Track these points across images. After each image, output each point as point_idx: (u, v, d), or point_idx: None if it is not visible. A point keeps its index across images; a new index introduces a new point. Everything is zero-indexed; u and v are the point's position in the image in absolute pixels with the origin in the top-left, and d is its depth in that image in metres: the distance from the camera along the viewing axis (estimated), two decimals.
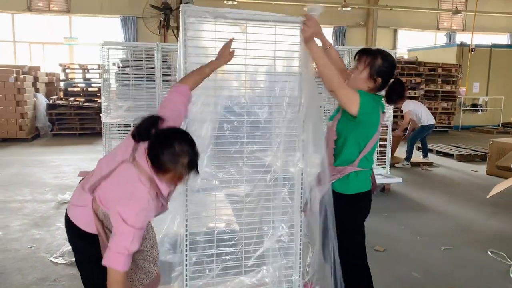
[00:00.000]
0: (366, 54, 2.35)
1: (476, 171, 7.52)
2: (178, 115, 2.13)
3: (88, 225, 1.99)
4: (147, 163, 1.89)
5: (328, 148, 2.43)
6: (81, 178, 2.16)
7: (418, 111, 7.77)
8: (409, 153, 7.74)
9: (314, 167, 2.49)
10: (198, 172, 1.89)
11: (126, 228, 1.82)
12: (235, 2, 13.60)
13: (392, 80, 2.39)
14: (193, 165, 1.86)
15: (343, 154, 2.40)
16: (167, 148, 1.82)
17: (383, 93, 2.47)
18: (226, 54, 2.31)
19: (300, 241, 2.71)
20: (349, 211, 2.45)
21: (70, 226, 2.05)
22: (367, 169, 2.42)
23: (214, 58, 2.37)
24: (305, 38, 2.26)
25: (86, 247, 2.04)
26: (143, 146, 1.92)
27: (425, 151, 8.19)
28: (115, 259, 1.82)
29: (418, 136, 7.91)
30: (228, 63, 2.46)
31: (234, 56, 2.39)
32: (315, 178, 2.47)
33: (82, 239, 2.03)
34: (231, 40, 2.32)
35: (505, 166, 6.44)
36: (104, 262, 1.83)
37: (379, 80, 2.32)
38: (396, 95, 2.38)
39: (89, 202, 1.98)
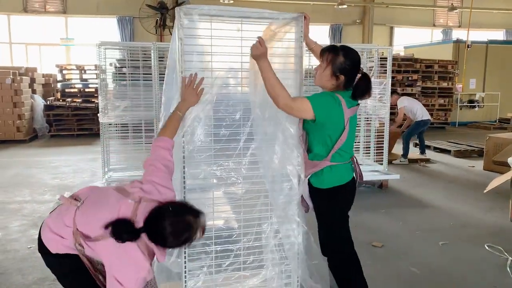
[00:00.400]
0: (329, 51, 2.35)
1: (473, 166, 7.56)
2: (170, 171, 2.09)
3: (66, 250, 1.91)
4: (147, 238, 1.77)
5: (302, 144, 2.48)
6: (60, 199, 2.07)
7: (413, 107, 7.80)
8: (405, 149, 7.77)
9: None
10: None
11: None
12: (231, 1, 13.61)
13: (359, 75, 2.38)
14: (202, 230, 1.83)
15: (314, 150, 2.44)
16: (176, 238, 1.74)
17: None
18: (191, 95, 2.26)
19: (298, 236, 2.73)
20: (327, 205, 2.48)
21: (42, 245, 1.96)
22: (343, 163, 2.42)
23: (209, 57, 2.39)
24: (255, 56, 2.24)
25: (61, 263, 1.95)
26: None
27: (423, 148, 8.23)
28: None
29: (413, 133, 7.93)
30: (225, 61, 2.48)
31: (230, 54, 2.41)
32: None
33: (55, 257, 1.94)
34: (197, 81, 2.28)
35: (501, 161, 6.47)
36: None
37: (342, 77, 2.32)
38: (360, 92, 2.36)
39: (69, 237, 1.87)
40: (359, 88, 2.36)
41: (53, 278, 3.30)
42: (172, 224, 1.71)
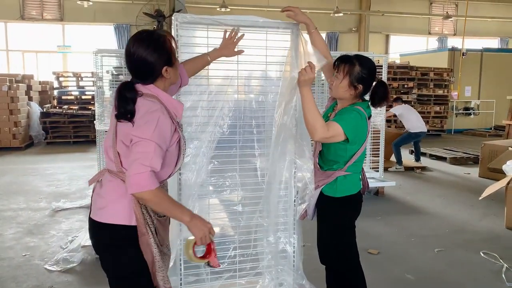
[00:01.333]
0: (344, 62, 2.33)
1: (469, 173, 7.59)
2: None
3: (129, 215, 1.77)
4: (142, 86, 1.78)
5: (314, 155, 2.48)
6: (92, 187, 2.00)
7: (409, 118, 7.81)
8: (398, 157, 7.79)
9: (307, 172, 2.52)
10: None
11: (145, 143, 1.66)
12: (228, 9, 13.69)
13: (375, 82, 2.39)
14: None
15: (331, 161, 2.42)
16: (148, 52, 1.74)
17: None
18: (228, 47, 2.30)
19: (294, 245, 2.74)
20: (339, 214, 2.48)
21: (104, 233, 1.81)
22: (355, 173, 2.43)
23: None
24: (302, 81, 2.19)
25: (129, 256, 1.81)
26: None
27: (418, 155, 8.26)
28: (139, 180, 1.63)
29: (402, 143, 7.87)
30: (221, 69, 2.49)
31: (226, 61, 2.43)
32: (304, 183, 2.51)
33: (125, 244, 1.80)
34: (235, 33, 2.30)
35: (496, 168, 6.50)
36: (130, 191, 1.65)
37: (360, 87, 2.32)
38: (378, 98, 2.37)
39: (118, 187, 1.78)
40: (378, 95, 2.36)
41: (48, 285, 3.31)
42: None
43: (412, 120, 7.81)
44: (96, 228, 1.82)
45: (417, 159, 8.23)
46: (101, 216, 1.79)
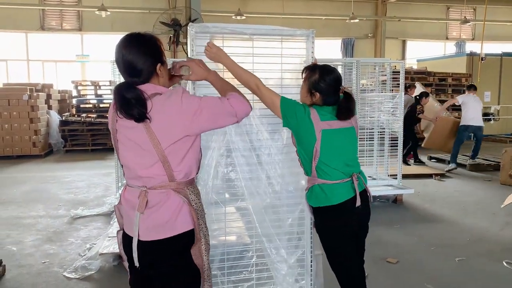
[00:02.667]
0: (307, 69, 2.36)
1: (490, 180, 7.44)
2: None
3: (187, 221, 1.78)
4: (153, 86, 1.79)
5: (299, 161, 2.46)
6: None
7: (466, 108, 7.82)
8: (452, 154, 8.03)
9: None
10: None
11: (205, 100, 1.77)
12: (243, 17, 13.76)
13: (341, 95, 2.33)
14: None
15: (302, 165, 2.40)
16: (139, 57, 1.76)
17: None
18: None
19: (311, 253, 2.71)
20: (319, 224, 2.40)
21: (169, 247, 1.78)
22: (335, 182, 2.29)
23: (221, 73, 2.40)
24: (212, 59, 2.19)
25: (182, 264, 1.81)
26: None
27: (474, 153, 8.30)
28: (241, 107, 1.81)
29: (459, 139, 8.05)
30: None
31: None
32: None
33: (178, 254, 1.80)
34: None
35: None
36: (241, 113, 1.80)
37: (317, 94, 2.29)
38: (341, 111, 2.30)
39: (173, 199, 1.76)
40: (342, 107, 2.30)
41: None
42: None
43: (468, 111, 7.76)
44: (162, 246, 1.77)
45: (472, 157, 8.25)
46: (167, 232, 1.76)
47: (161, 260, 1.79)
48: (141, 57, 1.75)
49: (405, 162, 8.45)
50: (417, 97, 8.97)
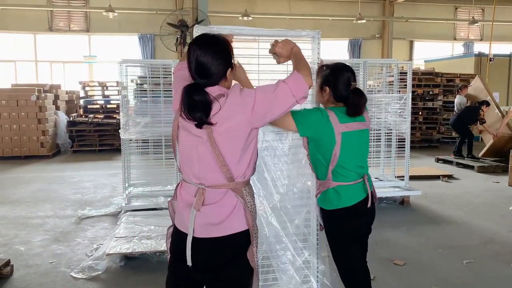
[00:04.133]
0: (320, 67, 2.40)
1: (498, 182, 7.38)
2: None
3: (244, 221, 1.80)
4: (218, 87, 1.79)
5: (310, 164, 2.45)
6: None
7: None
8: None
9: None
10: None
11: (262, 89, 1.79)
12: (250, 18, 13.77)
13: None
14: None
15: (316, 169, 2.39)
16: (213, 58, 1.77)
17: None
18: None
19: (317, 255, 2.70)
20: (332, 227, 2.38)
21: (227, 246, 1.79)
22: (349, 183, 2.30)
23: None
24: (286, 53, 2.15)
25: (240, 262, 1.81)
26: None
27: None
28: (301, 87, 1.80)
29: None
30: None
31: (248, 71, 2.43)
32: None
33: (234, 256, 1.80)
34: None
35: None
36: (299, 95, 1.79)
37: (327, 89, 2.31)
38: (350, 107, 2.28)
39: (230, 198, 1.78)
40: (350, 103, 2.29)
41: None
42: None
43: None
44: (217, 245, 1.78)
45: None
46: (222, 230, 1.77)
47: (223, 260, 1.78)
48: (216, 60, 1.76)
49: (460, 155, 9.09)
50: (479, 104, 9.17)
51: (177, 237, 1.86)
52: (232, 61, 1.83)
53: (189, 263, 1.77)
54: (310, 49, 2.59)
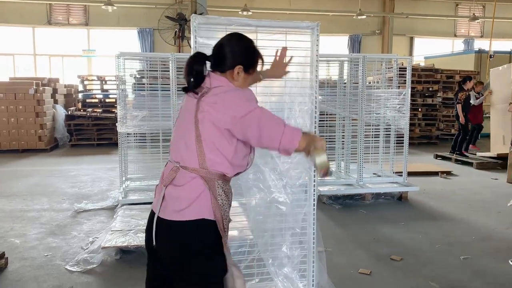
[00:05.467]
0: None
1: (497, 179, 7.36)
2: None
3: (199, 208, 1.75)
4: (220, 81, 1.82)
5: None
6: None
7: None
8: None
9: None
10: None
11: (255, 112, 1.72)
12: (250, 13, 13.70)
13: None
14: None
15: None
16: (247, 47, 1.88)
17: None
18: (280, 66, 2.22)
19: (313, 248, 2.68)
20: None
21: (194, 232, 1.76)
22: None
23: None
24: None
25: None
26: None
27: None
28: (289, 137, 1.72)
29: None
30: None
31: None
32: None
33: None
34: (285, 49, 2.21)
35: None
36: (290, 151, 1.74)
37: None
38: None
39: (199, 184, 1.75)
40: None
41: (68, 286, 3.33)
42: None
43: None
44: (182, 229, 1.75)
45: None
46: (188, 214, 1.74)
47: (191, 247, 1.74)
48: (232, 52, 1.83)
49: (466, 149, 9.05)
50: (460, 83, 9.06)
51: (148, 222, 1.87)
52: (251, 67, 1.88)
53: (154, 243, 1.78)
54: (309, 41, 2.55)
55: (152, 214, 1.83)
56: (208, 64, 1.86)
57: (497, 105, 9.15)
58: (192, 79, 1.81)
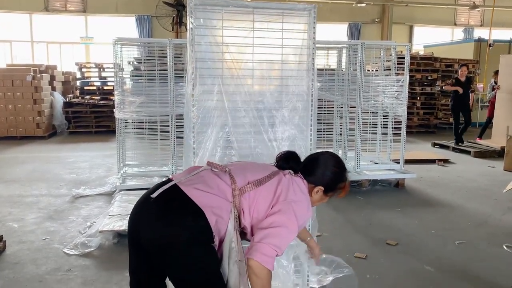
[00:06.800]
0: None
1: (494, 167, 7.38)
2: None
3: (215, 216, 1.74)
4: (303, 183, 1.93)
5: None
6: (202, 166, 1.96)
7: None
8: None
9: None
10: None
11: (285, 230, 1.76)
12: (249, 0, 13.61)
13: None
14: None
15: None
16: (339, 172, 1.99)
17: None
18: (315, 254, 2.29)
19: (309, 231, 2.69)
20: None
21: (182, 205, 1.73)
22: None
23: (223, 47, 2.38)
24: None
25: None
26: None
27: None
28: (269, 258, 1.70)
29: None
30: (238, 51, 2.46)
31: (242, 45, 2.40)
32: None
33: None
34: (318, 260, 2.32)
35: None
36: (255, 258, 1.69)
37: None
38: None
39: (228, 197, 1.79)
40: None
41: (66, 268, 3.35)
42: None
43: None
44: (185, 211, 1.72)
45: None
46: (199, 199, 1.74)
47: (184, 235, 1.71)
48: (325, 170, 1.95)
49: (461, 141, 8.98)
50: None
51: (138, 206, 1.84)
52: (331, 190, 1.97)
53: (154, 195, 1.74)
54: (306, 23, 2.53)
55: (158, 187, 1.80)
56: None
57: (502, 93, 9.08)
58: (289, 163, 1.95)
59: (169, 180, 1.84)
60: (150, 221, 1.73)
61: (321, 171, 1.95)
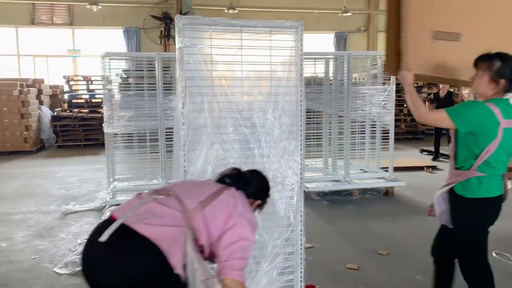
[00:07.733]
0: (483, 60, 2.36)
1: None
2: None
3: (172, 247, 1.73)
4: (246, 198, 2.03)
5: (450, 152, 2.51)
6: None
7: None
8: None
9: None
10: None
11: (247, 242, 1.85)
12: (236, 11, 13.69)
13: None
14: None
15: (459, 159, 2.44)
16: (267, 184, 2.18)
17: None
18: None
19: (301, 245, 2.71)
20: (468, 215, 2.46)
21: (138, 246, 1.70)
22: (492, 175, 2.37)
23: (212, 65, 2.40)
24: (402, 81, 2.50)
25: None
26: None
27: None
28: (241, 271, 1.80)
29: None
30: (226, 69, 2.49)
31: (231, 62, 2.42)
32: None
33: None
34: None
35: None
36: (230, 276, 1.76)
37: (502, 81, 2.31)
38: None
39: (180, 222, 1.78)
40: None
41: None
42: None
43: None
44: (147, 245, 1.69)
45: None
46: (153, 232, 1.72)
47: (150, 269, 1.70)
48: (260, 186, 2.14)
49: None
50: None
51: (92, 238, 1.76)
52: (261, 205, 2.15)
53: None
54: (293, 40, 2.57)
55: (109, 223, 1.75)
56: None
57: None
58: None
59: (112, 219, 1.76)
60: (106, 264, 1.69)
61: (260, 187, 2.13)
